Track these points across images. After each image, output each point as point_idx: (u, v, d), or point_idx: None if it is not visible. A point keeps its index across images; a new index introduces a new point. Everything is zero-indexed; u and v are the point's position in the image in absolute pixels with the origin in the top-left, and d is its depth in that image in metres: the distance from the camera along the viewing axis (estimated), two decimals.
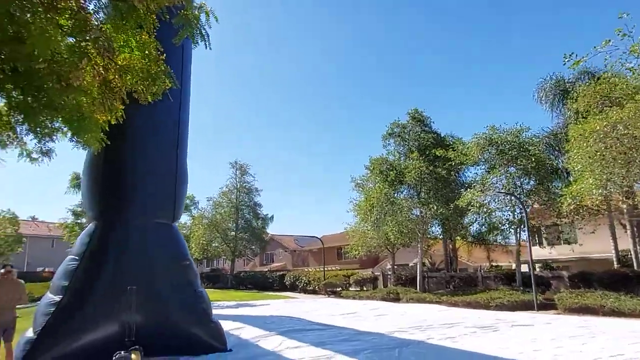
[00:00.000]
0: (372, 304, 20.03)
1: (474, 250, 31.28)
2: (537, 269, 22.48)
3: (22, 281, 7.52)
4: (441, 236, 26.13)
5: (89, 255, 7.95)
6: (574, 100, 19.56)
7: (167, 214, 8.72)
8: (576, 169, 13.72)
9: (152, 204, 8.51)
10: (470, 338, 9.67)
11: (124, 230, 8.13)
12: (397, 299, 21.47)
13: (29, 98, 5.60)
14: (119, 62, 5.47)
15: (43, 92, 5.50)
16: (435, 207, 20.21)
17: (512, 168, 18.33)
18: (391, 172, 22.54)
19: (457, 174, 22.89)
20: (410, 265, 32.32)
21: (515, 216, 18.98)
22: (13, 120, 6.37)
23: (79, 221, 28.51)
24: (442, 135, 23.56)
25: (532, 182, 17.22)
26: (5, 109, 5.99)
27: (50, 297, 8.05)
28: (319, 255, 48.83)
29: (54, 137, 6.25)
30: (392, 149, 24.67)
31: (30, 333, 7.83)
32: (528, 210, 19.34)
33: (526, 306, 16.03)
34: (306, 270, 35.72)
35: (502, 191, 16.59)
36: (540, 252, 26.56)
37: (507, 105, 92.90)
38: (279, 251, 53.52)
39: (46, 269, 40.25)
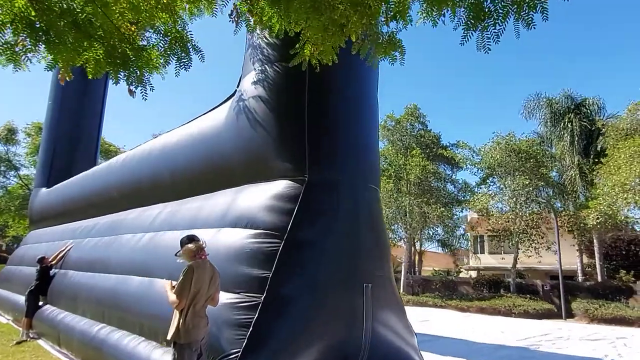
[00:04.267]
0: None
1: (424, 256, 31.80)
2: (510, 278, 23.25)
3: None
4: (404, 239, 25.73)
5: (294, 231, 4.86)
6: (568, 122, 21.17)
7: (376, 178, 6.00)
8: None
9: (366, 163, 5.76)
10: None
11: (345, 194, 5.23)
12: None
13: None
14: None
15: None
16: (439, 209, 19.47)
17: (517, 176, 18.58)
18: (390, 168, 21.23)
19: (452, 177, 22.66)
20: None
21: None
22: None
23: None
24: (439, 136, 23.11)
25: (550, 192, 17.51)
26: None
27: (227, 295, 4.73)
28: None
29: None
30: (383, 144, 23.42)
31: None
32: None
33: (549, 315, 16.09)
34: None
35: (538, 198, 16.49)
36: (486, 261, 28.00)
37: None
38: None
39: None
